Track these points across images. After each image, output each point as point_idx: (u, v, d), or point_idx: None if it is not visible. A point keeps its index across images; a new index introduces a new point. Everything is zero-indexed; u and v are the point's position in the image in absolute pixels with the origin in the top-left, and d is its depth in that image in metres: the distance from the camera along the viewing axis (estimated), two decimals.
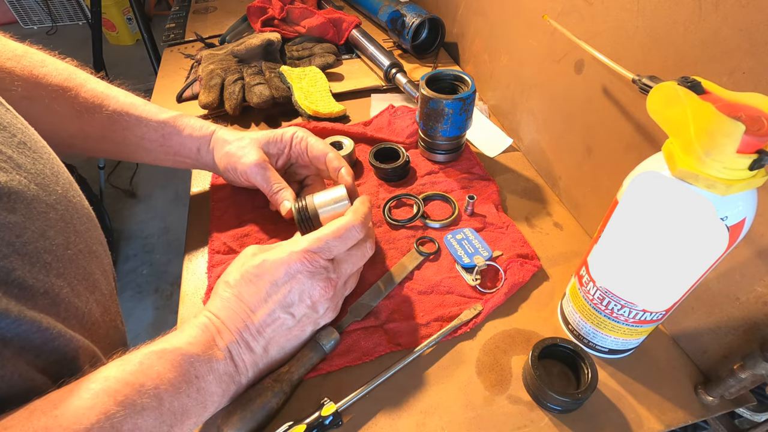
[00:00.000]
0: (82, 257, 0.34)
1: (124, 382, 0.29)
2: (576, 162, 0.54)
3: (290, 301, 0.38)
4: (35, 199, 0.30)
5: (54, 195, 0.32)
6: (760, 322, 0.36)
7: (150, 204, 1.93)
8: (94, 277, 0.35)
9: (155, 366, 0.31)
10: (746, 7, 0.31)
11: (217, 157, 0.54)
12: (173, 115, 0.54)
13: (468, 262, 0.49)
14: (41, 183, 0.31)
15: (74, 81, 0.49)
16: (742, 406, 0.41)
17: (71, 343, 0.30)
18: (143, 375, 0.31)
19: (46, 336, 0.28)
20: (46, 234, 0.30)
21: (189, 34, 0.96)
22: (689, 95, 0.26)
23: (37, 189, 0.31)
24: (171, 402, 0.31)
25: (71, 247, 0.33)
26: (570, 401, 0.37)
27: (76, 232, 0.34)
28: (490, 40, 0.71)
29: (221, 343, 0.36)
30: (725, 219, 0.28)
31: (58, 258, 0.31)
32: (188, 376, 0.33)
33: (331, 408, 0.37)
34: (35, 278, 0.29)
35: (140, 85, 2.49)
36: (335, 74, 0.81)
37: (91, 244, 0.36)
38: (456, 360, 0.43)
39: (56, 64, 0.48)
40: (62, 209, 0.33)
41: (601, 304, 0.37)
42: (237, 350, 0.37)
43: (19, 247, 0.28)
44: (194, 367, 0.33)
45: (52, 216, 0.31)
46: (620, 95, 0.45)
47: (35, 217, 0.30)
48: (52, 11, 3.06)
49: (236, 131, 0.55)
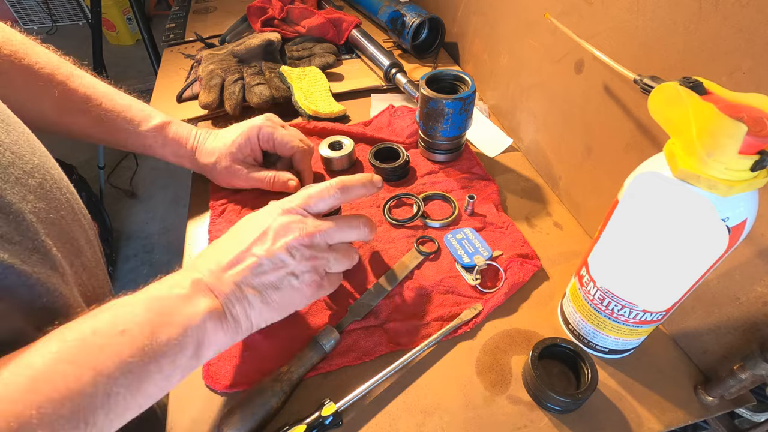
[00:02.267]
0: (65, 223, 0.34)
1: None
2: (576, 162, 0.54)
3: (264, 239, 0.37)
4: (11, 165, 0.30)
5: (30, 164, 0.32)
6: (760, 322, 0.36)
7: (150, 204, 1.93)
8: (78, 243, 0.35)
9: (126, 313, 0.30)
10: (746, 7, 0.31)
11: (205, 171, 0.58)
12: (156, 125, 0.54)
13: (468, 262, 0.49)
14: (16, 152, 0.31)
15: (61, 74, 0.48)
16: (741, 406, 0.41)
17: (60, 300, 0.30)
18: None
19: (34, 292, 0.28)
20: (26, 198, 0.30)
21: (189, 34, 0.96)
22: (691, 96, 0.26)
23: (13, 156, 0.31)
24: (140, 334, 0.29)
25: (53, 212, 0.33)
26: (570, 401, 0.37)
27: (56, 200, 0.34)
28: (490, 40, 0.71)
29: (185, 282, 0.34)
30: (727, 220, 0.28)
31: (41, 220, 0.31)
32: (152, 308, 0.31)
33: (331, 408, 0.37)
34: (22, 235, 0.29)
35: (140, 85, 2.50)
36: (335, 74, 0.81)
37: (73, 213, 0.36)
38: (456, 360, 0.43)
39: (48, 56, 0.48)
40: (40, 177, 0.33)
41: (601, 304, 0.37)
42: (205, 283, 0.34)
43: (2, 206, 0.28)
44: (160, 301, 0.32)
45: (30, 182, 0.32)
46: (620, 95, 0.45)
47: (13, 182, 0.30)
48: (52, 11, 3.05)
49: (210, 149, 0.56)
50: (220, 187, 0.59)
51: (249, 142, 0.55)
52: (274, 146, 0.56)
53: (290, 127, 0.59)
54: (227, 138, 0.55)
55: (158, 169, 2.07)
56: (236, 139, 0.55)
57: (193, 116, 0.71)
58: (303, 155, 0.57)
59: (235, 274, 0.35)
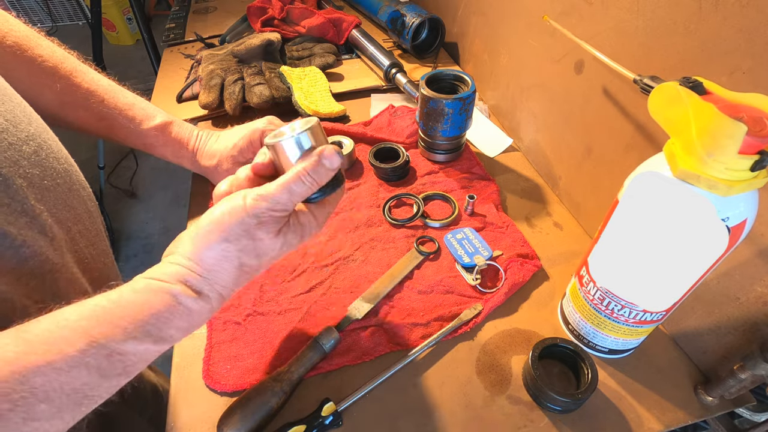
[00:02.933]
0: (61, 191, 0.34)
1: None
2: (576, 162, 0.54)
3: None
4: (5, 131, 0.30)
5: (26, 132, 0.33)
6: (760, 323, 0.36)
7: (150, 204, 1.92)
8: (76, 211, 0.35)
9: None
10: (746, 7, 0.31)
11: (205, 173, 0.57)
12: (157, 124, 0.53)
13: (468, 262, 0.49)
14: (11, 120, 0.32)
15: (65, 68, 0.48)
16: (741, 406, 0.41)
17: (47, 265, 0.30)
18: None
19: (20, 255, 0.29)
20: (18, 163, 0.31)
21: (189, 34, 0.96)
22: (691, 96, 0.26)
23: (7, 123, 0.31)
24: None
25: (48, 179, 0.33)
26: (570, 401, 0.37)
27: (52, 168, 0.34)
28: (490, 40, 0.71)
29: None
30: (726, 220, 0.28)
31: (33, 185, 0.31)
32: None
33: (332, 408, 0.37)
34: (10, 198, 0.29)
35: (140, 85, 2.49)
36: (335, 74, 0.81)
37: (71, 182, 0.36)
38: (456, 360, 0.43)
39: (52, 49, 0.48)
40: (35, 146, 0.33)
41: (601, 304, 0.37)
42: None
43: None
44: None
45: (24, 149, 0.32)
46: (620, 95, 0.45)
47: (6, 148, 0.30)
48: (52, 11, 3.05)
49: (211, 151, 0.56)
50: None
51: (251, 146, 0.55)
52: None
53: None
54: (229, 141, 0.55)
55: (158, 169, 2.06)
56: (238, 143, 0.55)
57: (193, 116, 0.71)
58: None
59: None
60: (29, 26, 0.47)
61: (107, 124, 0.51)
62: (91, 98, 0.50)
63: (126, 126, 0.52)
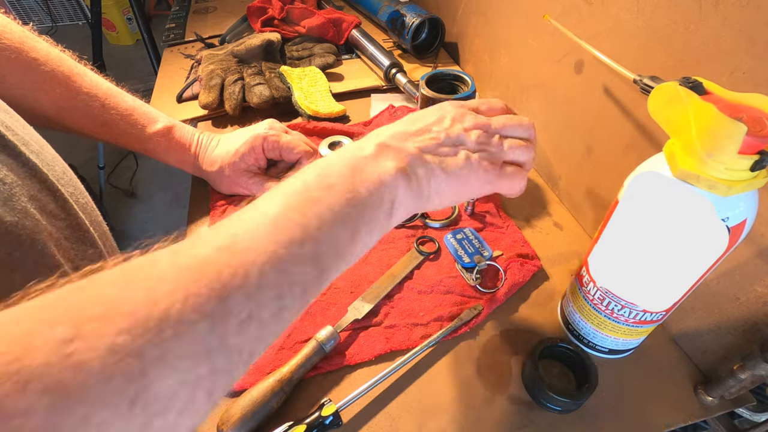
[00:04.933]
0: (47, 151, 0.34)
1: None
2: (576, 162, 0.54)
3: (442, 122, 0.36)
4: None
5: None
6: (760, 323, 0.36)
7: (150, 204, 1.92)
8: (64, 170, 0.36)
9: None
10: (746, 7, 0.31)
11: (207, 178, 0.58)
12: (159, 130, 0.53)
13: (468, 262, 0.49)
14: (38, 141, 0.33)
15: (62, 73, 0.47)
16: (741, 406, 0.41)
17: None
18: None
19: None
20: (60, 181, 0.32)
21: (189, 34, 0.96)
22: (691, 96, 0.26)
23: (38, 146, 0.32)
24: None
25: (80, 196, 0.34)
26: (570, 401, 0.37)
27: (78, 185, 0.35)
28: (490, 40, 0.71)
29: (369, 145, 0.33)
30: (726, 220, 0.28)
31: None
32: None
33: (331, 408, 0.37)
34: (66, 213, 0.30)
35: (140, 85, 2.49)
36: (335, 74, 0.81)
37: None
38: (456, 360, 0.43)
39: (48, 51, 0.47)
40: (62, 165, 0.34)
41: (601, 304, 0.37)
42: (388, 144, 0.33)
43: None
44: (354, 161, 0.31)
45: (57, 169, 0.33)
46: (620, 95, 0.45)
47: (60, 171, 0.31)
48: (52, 11, 3.05)
49: (212, 157, 0.56)
50: None
51: (253, 152, 0.55)
52: (281, 154, 0.56)
53: (293, 131, 0.59)
54: (230, 146, 0.55)
55: (158, 169, 2.06)
56: (240, 149, 0.54)
57: (193, 116, 0.71)
58: (309, 158, 0.58)
59: (419, 142, 0.35)
60: (22, 25, 0.46)
61: (108, 130, 0.51)
62: (92, 103, 0.49)
63: (128, 131, 0.51)
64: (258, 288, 0.22)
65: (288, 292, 0.23)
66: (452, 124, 0.37)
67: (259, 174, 0.57)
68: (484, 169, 0.36)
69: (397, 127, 0.36)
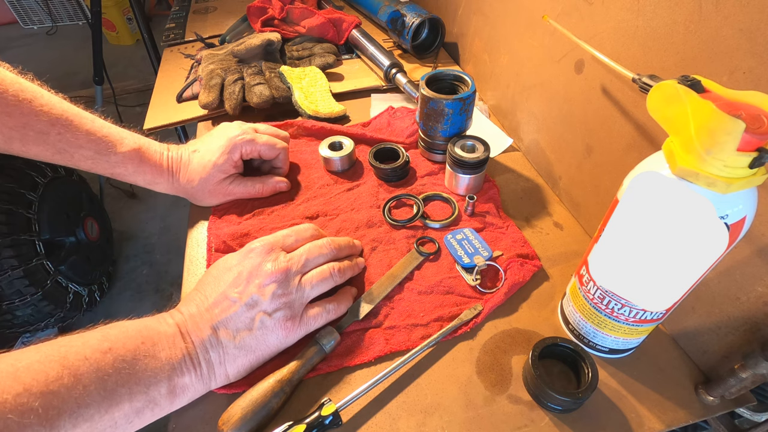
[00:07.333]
0: None
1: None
2: (576, 162, 0.54)
3: (239, 281, 0.39)
4: None
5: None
6: (761, 322, 0.36)
7: (150, 204, 1.92)
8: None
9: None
10: (746, 6, 0.31)
11: (186, 197, 0.57)
12: (124, 152, 0.50)
13: (468, 262, 0.49)
14: None
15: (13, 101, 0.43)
16: (742, 406, 0.41)
17: None
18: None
19: None
20: None
21: (189, 34, 0.96)
22: (689, 94, 0.26)
23: None
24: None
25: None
26: (570, 401, 0.37)
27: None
28: (490, 40, 0.71)
29: (170, 320, 0.38)
30: (725, 217, 0.28)
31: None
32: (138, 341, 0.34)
33: (331, 408, 0.37)
34: None
35: (140, 85, 2.50)
36: (335, 74, 0.81)
37: None
38: (456, 360, 0.43)
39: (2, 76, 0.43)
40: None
41: (601, 303, 0.37)
42: (185, 326, 0.38)
43: None
44: (149, 331, 0.35)
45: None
46: (620, 95, 0.45)
47: None
48: (52, 11, 3.06)
49: (187, 178, 0.54)
50: None
51: (230, 159, 0.54)
52: (260, 154, 0.57)
53: (262, 126, 0.59)
54: (205, 160, 0.54)
55: None
56: (217, 161, 0.53)
57: (193, 116, 0.71)
58: (286, 152, 0.59)
59: (211, 318, 0.38)
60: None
61: (66, 157, 0.47)
62: (48, 134, 0.45)
63: (90, 157, 0.48)
64: None
65: None
66: (248, 282, 0.39)
67: (238, 177, 0.57)
68: (282, 328, 0.39)
69: (200, 295, 0.40)
